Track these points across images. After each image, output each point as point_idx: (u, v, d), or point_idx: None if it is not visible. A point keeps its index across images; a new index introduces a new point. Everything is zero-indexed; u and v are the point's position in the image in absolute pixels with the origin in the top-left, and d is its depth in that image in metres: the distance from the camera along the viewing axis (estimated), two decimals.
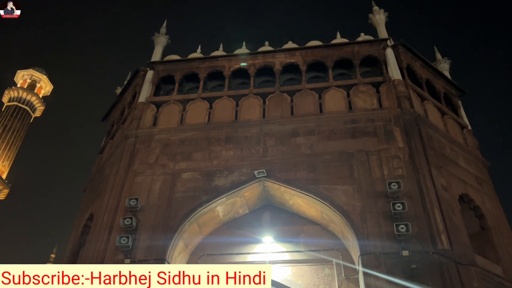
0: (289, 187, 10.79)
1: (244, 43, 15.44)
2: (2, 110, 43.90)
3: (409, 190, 10.00)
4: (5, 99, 44.11)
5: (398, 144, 10.99)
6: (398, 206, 9.28)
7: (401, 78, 12.79)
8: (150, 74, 14.69)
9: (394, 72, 12.94)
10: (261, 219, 11.56)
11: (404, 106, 11.86)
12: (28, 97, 42.74)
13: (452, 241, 9.24)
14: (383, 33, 14.60)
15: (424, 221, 9.46)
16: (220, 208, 11.16)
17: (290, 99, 12.82)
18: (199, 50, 15.67)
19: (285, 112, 12.46)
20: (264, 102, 12.92)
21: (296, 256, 10.79)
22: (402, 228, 8.93)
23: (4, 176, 41.13)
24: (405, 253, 8.91)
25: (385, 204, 9.70)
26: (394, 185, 9.68)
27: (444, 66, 16.56)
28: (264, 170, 10.94)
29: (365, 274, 8.88)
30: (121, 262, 9.86)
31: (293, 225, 11.21)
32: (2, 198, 41.33)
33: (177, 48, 17.08)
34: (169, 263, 9.98)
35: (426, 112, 12.61)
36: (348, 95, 12.61)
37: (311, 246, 10.70)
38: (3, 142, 39.85)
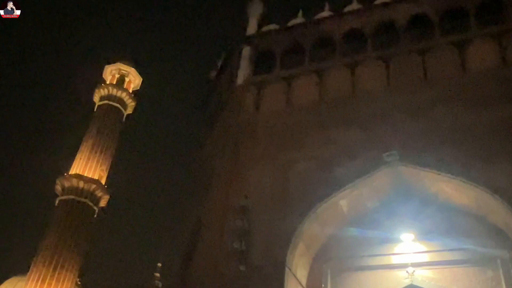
0: (430, 170, 10.49)
1: None
2: (95, 110, 48.15)
3: None
4: (96, 98, 48.36)
5: None
6: None
7: None
8: (246, 51, 15.12)
9: None
10: (396, 212, 11.35)
11: None
12: (119, 93, 46.46)
13: None
14: None
15: None
16: (344, 202, 11.23)
17: (421, 59, 12.30)
18: (300, 14, 15.65)
19: (417, 77, 12.03)
20: (387, 67, 12.57)
21: (446, 256, 10.49)
22: None
23: (103, 181, 45.28)
24: None
25: None
26: None
27: None
28: (395, 152, 10.74)
29: None
30: (236, 268, 10.44)
31: (438, 218, 10.89)
32: (103, 205, 45.79)
33: (274, 15, 17.27)
34: (289, 269, 10.31)
35: None
36: (500, 46, 11.70)
37: (466, 243, 10.27)
38: (99, 145, 44.17)
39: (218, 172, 12.65)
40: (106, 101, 45.53)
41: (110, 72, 48.15)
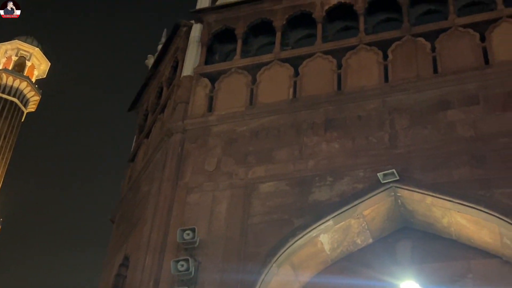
0: (441, 196, 10.57)
1: None
2: None
3: None
4: None
5: None
6: None
7: None
8: (196, 30, 15.19)
9: None
10: (396, 252, 11.47)
11: None
12: (16, 83, 45.24)
13: None
14: None
15: None
16: (326, 237, 11.24)
17: (431, 46, 12.58)
18: None
19: (424, 70, 12.26)
20: (385, 57, 12.81)
21: None
22: None
23: None
24: None
25: None
26: None
27: None
28: (394, 170, 10.83)
29: None
30: None
31: (451, 260, 10.97)
32: None
33: None
34: None
35: None
36: None
37: None
38: None
39: (153, 194, 12.53)
40: None
41: (5, 53, 46.90)
